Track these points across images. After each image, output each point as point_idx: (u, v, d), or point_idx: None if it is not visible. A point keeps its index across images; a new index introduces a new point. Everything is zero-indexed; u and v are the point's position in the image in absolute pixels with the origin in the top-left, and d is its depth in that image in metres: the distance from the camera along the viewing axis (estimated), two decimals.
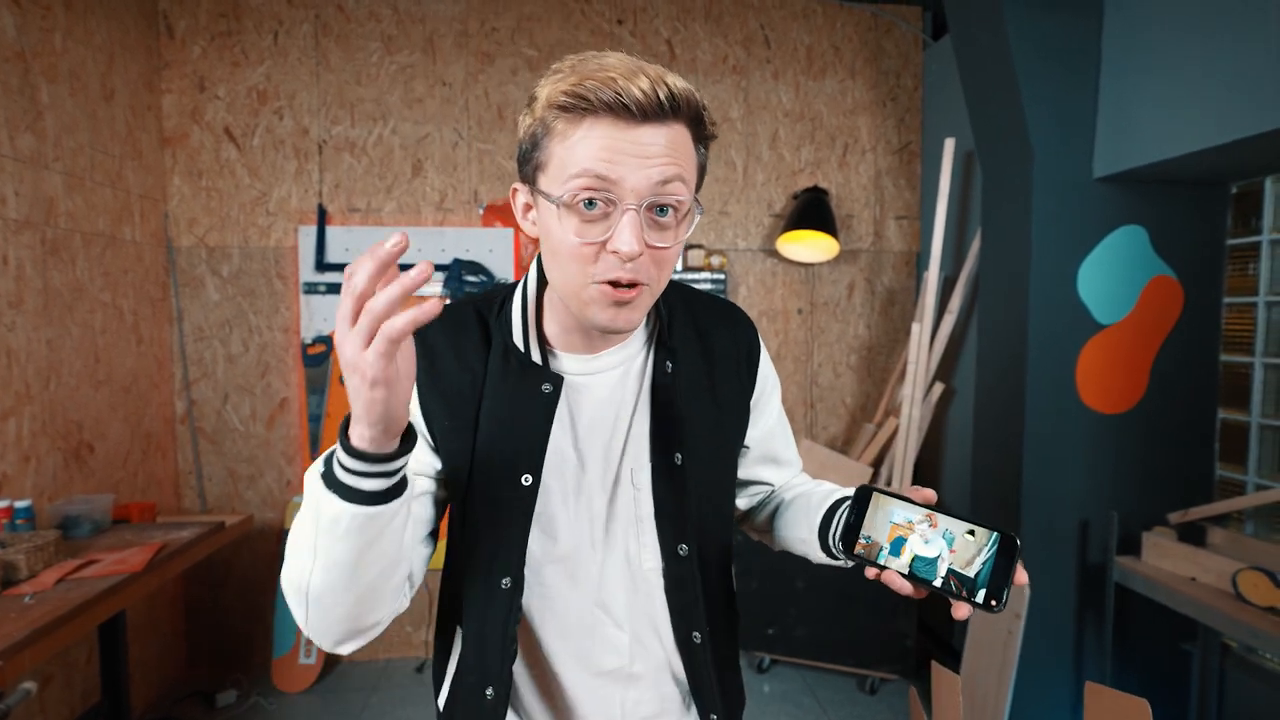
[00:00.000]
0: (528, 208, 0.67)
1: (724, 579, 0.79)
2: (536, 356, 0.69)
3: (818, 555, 0.74)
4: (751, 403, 0.79)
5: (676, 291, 0.78)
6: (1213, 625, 1.72)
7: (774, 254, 2.94)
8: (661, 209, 0.60)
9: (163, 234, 2.63)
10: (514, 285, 0.74)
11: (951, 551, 0.57)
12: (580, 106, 0.58)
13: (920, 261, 2.98)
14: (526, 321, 0.70)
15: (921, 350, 2.54)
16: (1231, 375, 2.20)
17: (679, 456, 0.71)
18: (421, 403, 0.69)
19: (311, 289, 2.69)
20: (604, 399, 0.71)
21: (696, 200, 0.63)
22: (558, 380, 0.69)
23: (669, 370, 0.72)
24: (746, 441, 0.82)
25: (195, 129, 2.65)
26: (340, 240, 2.70)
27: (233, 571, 2.73)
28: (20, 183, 1.95)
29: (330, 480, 0.53)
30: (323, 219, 2.70)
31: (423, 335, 0.69)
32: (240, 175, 2.68)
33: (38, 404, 2.00)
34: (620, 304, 0.62)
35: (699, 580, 0.73)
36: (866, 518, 0.62)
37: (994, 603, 0.55)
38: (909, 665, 2.50)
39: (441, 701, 0.77)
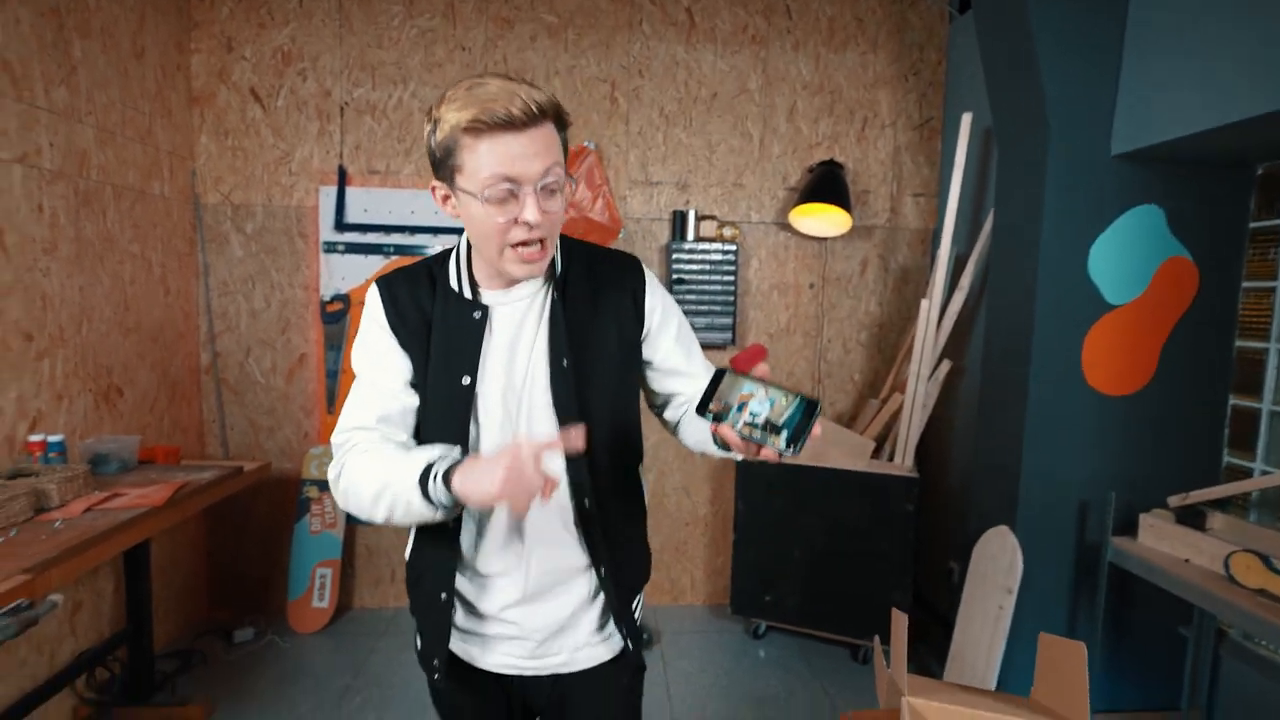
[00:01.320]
0: (446, 198, 0.89)
1: (617, 461, 1.00)
2: (469, 294, 0.94)
3: (707, 439, 0.94)
4: (644, 331, 1.01)
5: (581, 248, 1.01)
6: (1203, 606, 1.72)
7: (787, 227, 2.93)
8: (549, 189, 0.85)
9: (190, 190, 2.72)
10: (455, 248, 0.99)
11: (773, 410, 0.77)
12: (480, 128, 0.81)
13: (936, 239, 2.95)
14: (460, 270, 0.95)
15: (930, 327, 2.54)
16: (1245, 361, 2.17)
17: (565, 361, 0.93)
18: (393, 329, 0.93)
19: (331, 248, 2.76)
20: (517, 321, 0.95)
21: (569, 175, 0.88)
22: (485, 309, 0.94)
23: (558, 298, 0.95)
24: (652, 361, 1.03)
25: (222, 89, 2.72)
26: (359, 201, 2.77)
27: (252, 518, 2.86)
28: (55, 134, 2.04)
29: (424, 489, 0.82)
30: (343, 180, 2.77)
31: (389, 284, 0.95)
32: (265, 135, 2.75)
33: (70, 347, 2.11)
34: (531, 261, 0.87)
35: (587, 453, 0.93)
36: (724, 386, 0.82)
37: (790, 447, 0.74)
38: None
39: (408, 553, 1.06)
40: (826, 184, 2.72)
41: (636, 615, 1.06)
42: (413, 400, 0.94)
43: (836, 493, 2.56)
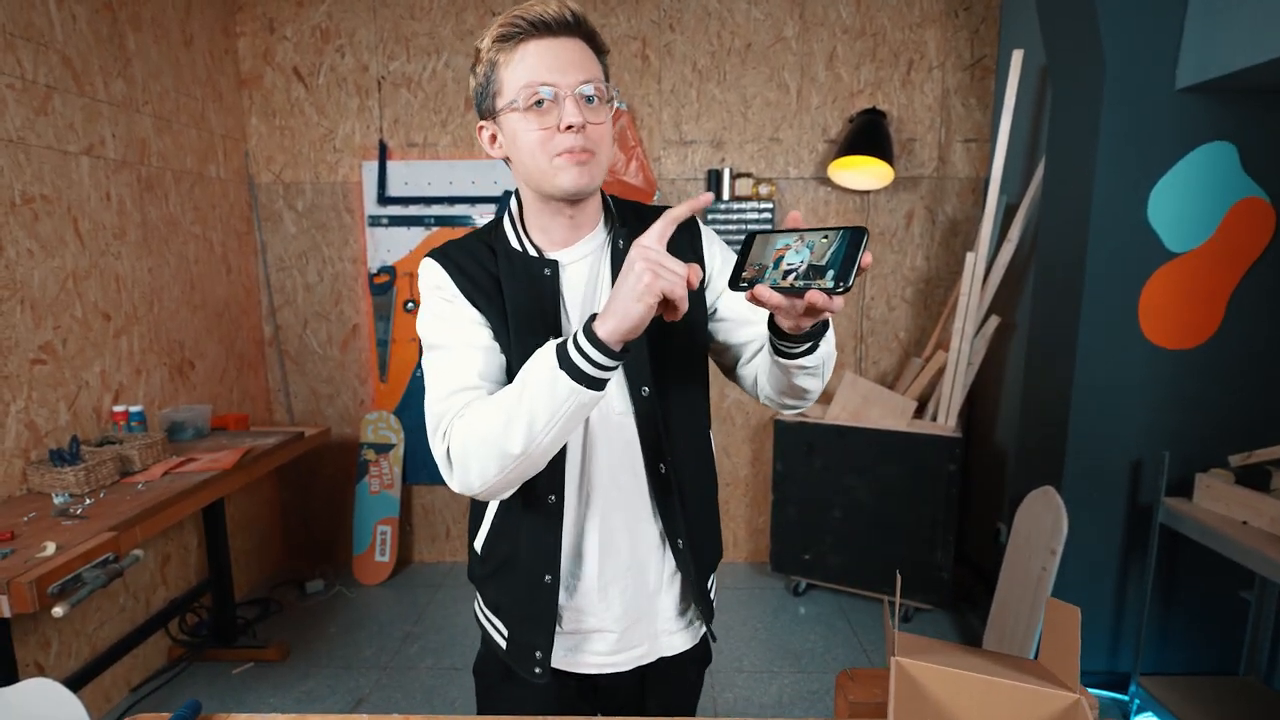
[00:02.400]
0: (493, 138, 0.86)
1: (693, 424, 0.94)
2: (533, 251, 0.89)
3: (777, 361, 0.82)
4: (707, 278, 0.94)
5: (626, 205, 0.96)
6: (1257, 570, 1.64)
7: (827, 182, 2.85)
8: (589, 97, 0.81)
9: (244, 171, 2.87)
10: (499, 217, 0.94)
11: (813, 253, 0.68)
12: (513, 34, 0.79)
13: (987, 188, 2.80)
14: (518, 231, 0.90)
15: (975, 281, 2.44)
16: None
17: None
18: (468, 296, 0.87)
19: (375, 221, 2.87)
20: (584, 276, 0.90)
21: (613, 88, 0.84)
22: (554, 264, 0.88)
23: (621, 246, 0.89)
24: (717, 311, 0.94)
25: (268, 70, 2.83)
26: (400, 174, 2.85)
27: (317, 479, 3.07)
28: (116, 125, 2.18)
29: (567, 364, 0.71)
30: (383, 154, 2.85)
31: (448, 256, 0.89)
32: (309, 114, 2.86)
33: (144, 324, 2.30)
34: (580, 164, 0.81)
35: (661, 416, 0.89)
36: (755, 250, 0.73)
37: (840, 284, 0.65)
38: (945, 596, 2.52)
39: (481, 540, 0.95)
40: (868, 134, 2.62)
41: (713, 597, 1.00)
42: (502, 359, 0.86)
43: (877, 453, 2.54)
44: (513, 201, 0.93)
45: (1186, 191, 1.94)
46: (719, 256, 0.95)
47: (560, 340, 0.73)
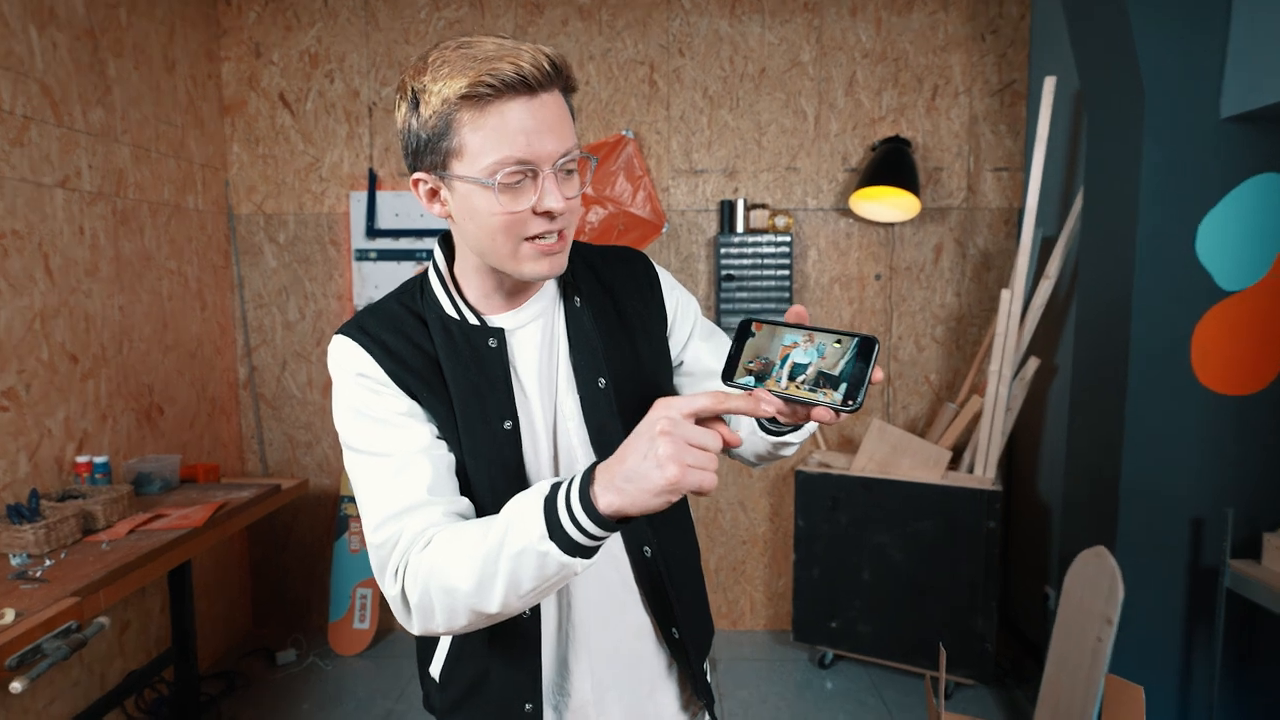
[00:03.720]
0: (433, 194, 0.79)
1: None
2: (474, 320, 0.83)
3: (761, 436, 0.82)
4: (669, 329, 0.94)
5: (576, 251, 0.91)
6: None
7: (848, 213, 2.92)
8: (567, 169, 0.76)
9: (224, 202, 2.94)
10: (422, 276, 0.87)
11: (822, 359, 0.68)
12: (482, 96, 0.71)
13: (1021, 220, 2.87)
14: (452, 295, 0.84)
15: (1011, 320, 2.48)
16: None
17: (602, 381, 0.85)
18: (402, 385, 0.80)
19: (363, 255, 2.93)
20: (536, 341, 0.86)
21: (583, 150, 0.78)
22: (500, 333, 0.83)
23: (578, 305, 0.87)
24: (683, 363, 0.95)
25: (252, 95, 2.93)
26: (390, 205, 2.92)
27: (292, 536, 3.06)
28: (93, 156, 2.26)
29: (559, 535, 0.65)
30: (373, 184, 2.93)
31: (368, 334, 0.81)
32: (294, 141, 2.94)
33: (113, 366, 2.34)
34: (552, 254, 0.77)
35: None
36: (759, 341, 0.72)
37: (850, 402, 0.65)
38: (989, 669, 2.49)
39: (438, 666, 0.89)
40: (891, 163, 2.69)
41: (710, 681, 0.98)
42: (451, 458, 0.81)
43: (909, 508, 2.53)
44: (438, 254, 0.86)
45: (1238, 226, 1.99)
46: (679, 301, 0.95)
47: (548, 496, 0.67)
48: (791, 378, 0.69)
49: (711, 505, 3.05)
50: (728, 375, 0.72)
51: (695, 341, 0.96)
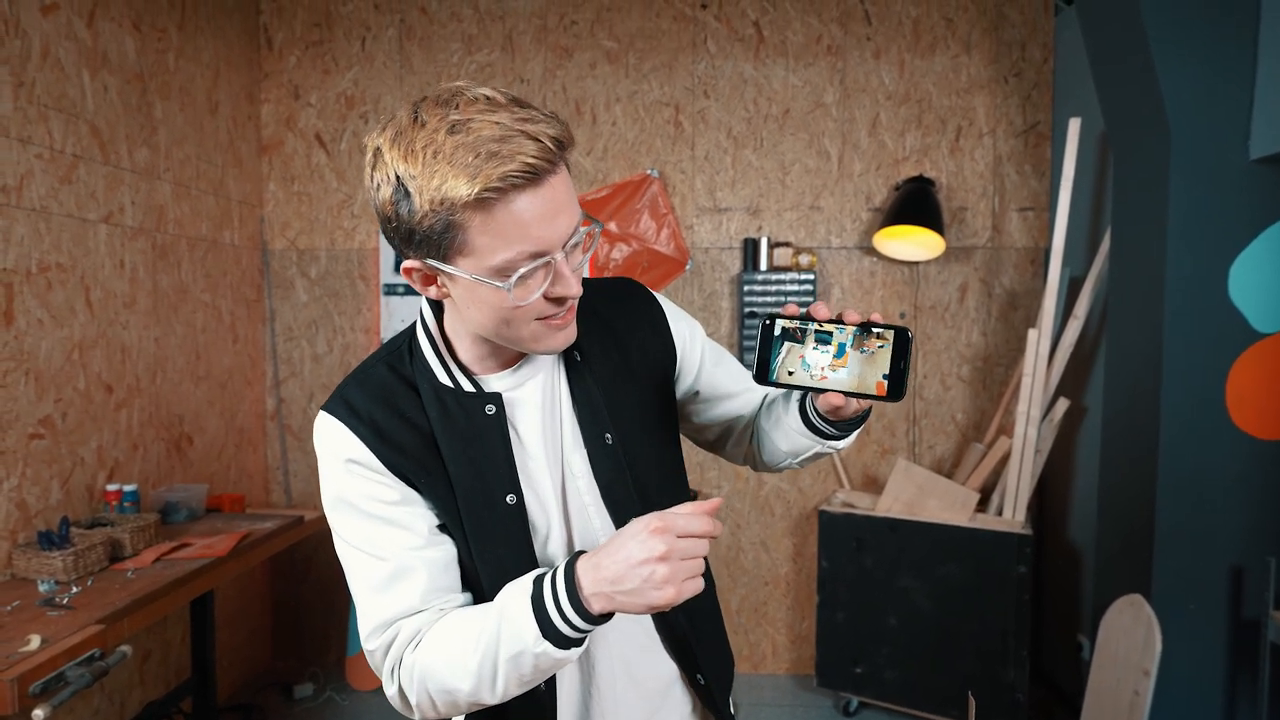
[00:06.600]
0: (429, 281, 0.73)
1: None
2: (468, 386, 0.79)
3: (803, 435, 0.83)
4: (678, 365, 0.92)
5: None
6: None
7: (872, 252, 2.92)
8: (574, 245, 0.73)
9: (259, 238, 3.03)
10: (409, 334, 0.84)
11: (859, 353, 0.71)
12: (494, 200, 0.65)
13: (1047, 260, 2.85)
14: (444, 360, 0.80)
15: (1039, 360, 2.45)
16: None
17: (609, 436, 0.82)
18: (398, 472, 0.76)
19: (390, 290, 2.99)
20: (537, 402, 0.82)
21: (590, 218, 0.75)
22: (497, 399, 0.79)
23: (579, 360, 0.84)
24: (699, 393, 0.94)
25: (290, 136, 3.03)
26: None
27: (312, 569, 3.07)
28: (136, 193, 2.34)
29: (552, 633, 0.67)
30: None
31: (358, 414, 0.77)
32: (329, 179, 3.03)
33: (145, 396, 2.39)
34: (565, 327, 0.76)
35: None
36: (788, 339, 0.73)
37: (894, 393, 0.69)
38: None
39: None
40: (915, 202, 2.70)
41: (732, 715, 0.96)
42: (450, 549, 0.78)
43: (936, 551, 2.48)
44: (427, 312, 0.81)
45: (1272, 267, 1.96)
46: (685, 331, 0.93)
47: (534, 595, 0.68)
48: (827, 373, 0.70)
49: (733, 544, 3.01)
50: (761, 377, 0.72)
51: (708, 368, 0.94)
